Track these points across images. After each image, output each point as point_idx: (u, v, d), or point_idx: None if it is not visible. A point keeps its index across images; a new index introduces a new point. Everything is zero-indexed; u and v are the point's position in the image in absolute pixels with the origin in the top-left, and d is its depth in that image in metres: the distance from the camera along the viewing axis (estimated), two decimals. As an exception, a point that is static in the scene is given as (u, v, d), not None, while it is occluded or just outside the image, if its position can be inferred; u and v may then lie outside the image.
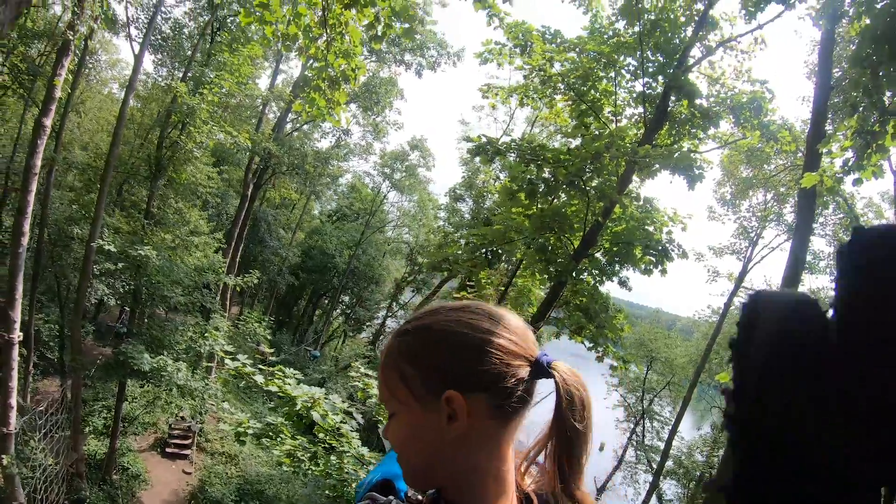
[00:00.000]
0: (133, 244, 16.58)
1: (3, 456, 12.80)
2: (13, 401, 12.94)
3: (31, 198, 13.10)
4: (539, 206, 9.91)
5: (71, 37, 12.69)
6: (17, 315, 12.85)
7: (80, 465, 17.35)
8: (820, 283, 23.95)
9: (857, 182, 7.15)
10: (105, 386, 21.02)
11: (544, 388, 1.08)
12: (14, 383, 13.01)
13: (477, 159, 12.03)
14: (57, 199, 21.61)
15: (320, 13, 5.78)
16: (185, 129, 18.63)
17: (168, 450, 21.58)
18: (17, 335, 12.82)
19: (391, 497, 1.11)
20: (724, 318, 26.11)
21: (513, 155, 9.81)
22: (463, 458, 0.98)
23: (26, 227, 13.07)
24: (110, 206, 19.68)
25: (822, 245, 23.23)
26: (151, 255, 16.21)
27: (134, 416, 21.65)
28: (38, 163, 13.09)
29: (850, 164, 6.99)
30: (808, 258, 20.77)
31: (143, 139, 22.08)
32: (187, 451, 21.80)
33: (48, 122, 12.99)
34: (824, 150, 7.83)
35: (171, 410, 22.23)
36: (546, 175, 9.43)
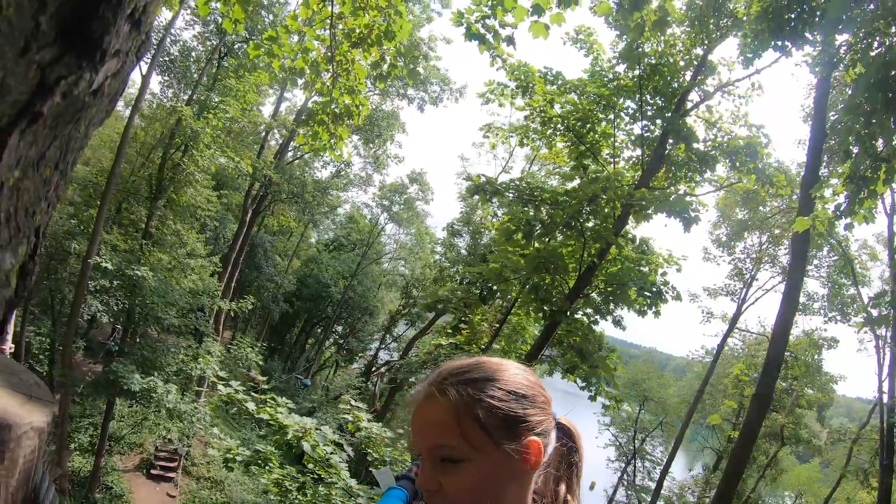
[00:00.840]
0: (130, 263, 16.57)
1: (-14, 469, 12.60)
2: (0, 413, 12.80)
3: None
4: (535, 245, 9.99)
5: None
6: (10, 326, 12.77)
7: (63, 482, 17.10)
8: (813, 324, 23.99)
9: (848, 227, 7.26)
10: (93, 403, 20.77)
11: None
12: (2, 395, 12.88)
13: (475, 197, 12.16)
14: (56, 213, 21.54)
15: (328, 49, 5.92)
16: (188, 152, 18.76)
17: (153, 472, 21.24)
18: (9, 346, 12.74)
19: None
20: (717, 358, 26.10)
21: (511, 194, 9.93)
22: (517, 495, 1.11)
23: (25, 241, 13.08)
24: (109, 223, 19.70)
25: (816, 287, 23.34)
26: (148, 276, 16.20)
27: (121, 436, 21.36)
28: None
29: (842, 208, 7.09)
30: (802, 299, 20.84)
31: (146, 158, 22.19)
32: (172, 475, 21.46)
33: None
34: (818, 195, 7.93)
35: (158, 432, 21.95)
36: (543, 216, 9.53)
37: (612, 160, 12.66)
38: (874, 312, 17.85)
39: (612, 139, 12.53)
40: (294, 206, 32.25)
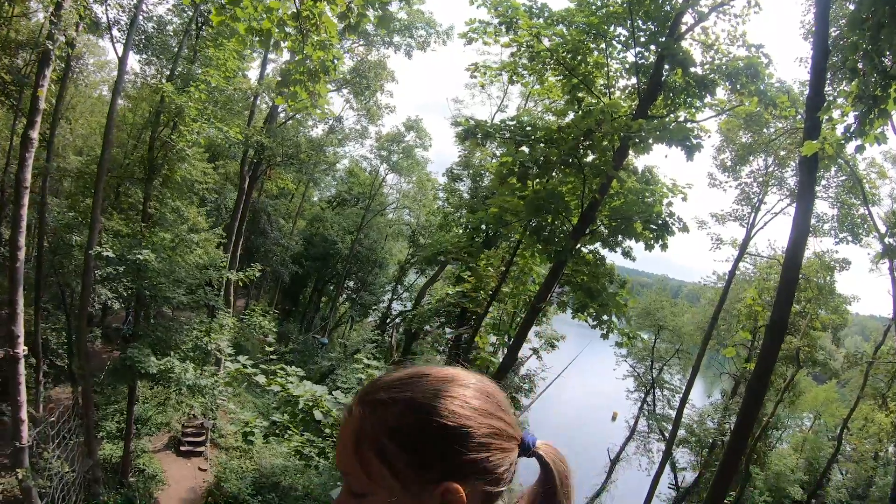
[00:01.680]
0: (132, 247, 16.45)
1: (19, 470, 12.84)
2: (24, 414, 12.96)
3: (25, 211, 13.00)
4: (533, 186, 9.72)
5: (50, 46, 12.53)
6: (20, 329, 12.80)
7: (96, 471, 17.42)
8: (824, 246, 23.68)
9: (859, 149, 6.97)
10: (116, 390, 21.08)
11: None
12: (23, 397, 13.02)
13: (471, 146, 11.85)
14: (55, 208, 21.55)
15: (293, 6, 5.61)
16: (176, 128, 18.43)
17: (182, 448, 21.73)
18: (22, 349, 12.79)
19: None
20: (729, 284, 25.98)
21: (504, 135, 9.61)
22: None
23: (22, 241, 12.97)
24: (108, 209, 19.55)
25: (824, 207, 22.93)
26: (150, 258, 16.08)
27: (146, 418, 21.76)
28: (28, 176, 12.95)
29: (851, 130, 6.78)
30: (812, 221, 20.53)
31: (137, 140, 21.90)
32: (201, 449, 21.93)
33: (35, 134, 12.83)
34: (825, 117, 7.61)
35: (182, 409, 22.28)
36: (538, 155, 9.22)
37: (607, 91, 12.25)
38: (891, 241, 17.65)
39: (606, 69, 12.10)
40: (290, 167, 31.94)
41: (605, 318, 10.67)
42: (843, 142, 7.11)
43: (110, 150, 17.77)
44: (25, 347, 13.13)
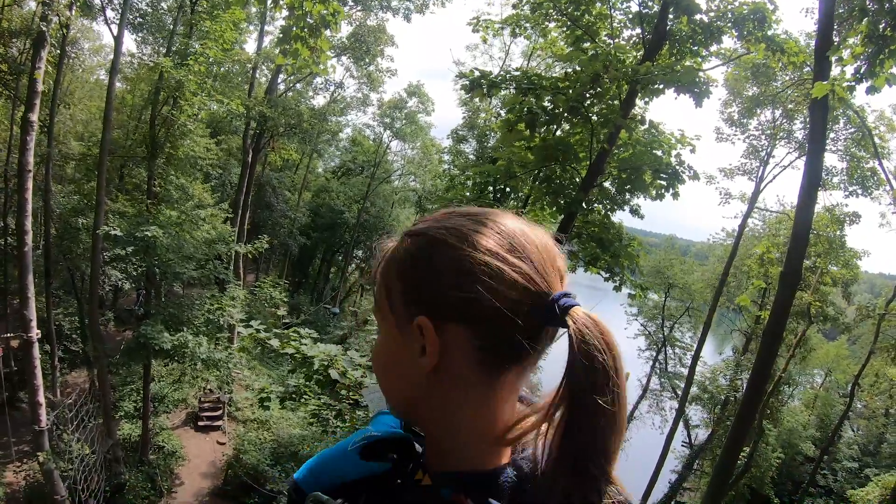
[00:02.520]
0: (139, 226, 16.45)
1: (39, 453, 13.02)
2: (41, 398, 13.11)
3: (29, 195, 13.03)
4: (541, 136, 9.57)
5: (45, 27, 12.46)
6: (33, 313, 12.89)
7: (116, 451, 17.67)
8: (834, 200, 23.39)
9: (871, 90, 6.80)
10: (131, 369, 21.27)
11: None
12: (39, 381, 13.16)
13: (476, 98, 11.64)
14: (59, 193, 21.58)
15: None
16: (176, 104, 18.29)
17: (200, 423, 22.05)
18: (36, 333, 12.89)
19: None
20: (739, 239, 25.82)
21: (510, 87, 9.44)
22: (440, 403, 0.81)
23: (28, 226, 13.01)
24: (113, 191, 19.54)
25: (834, 160, 22.60)
26: (158, 234, 16.07)
27: (163, 395, 22.05)
28: (31, 160, 12.96)
29: (862, 71, 6.61)
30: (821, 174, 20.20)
31: (138, 120, 21.82)
32: (219, 423, 22.22)
33: (34, 117, 12.84)
34: (834, 58, 7.42)
35: (198, 384, 22.49)
36: (546, 104, 9.06)
37: (611, 41, 12.01)
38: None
39: (610, 20, 11.86)
40: (293, 138, 31.82)
41: (617, 269, 10.60)
42: (853, 83, 6.95)
43: (111, 132, 17.74)
44: (39, 331, 13.24)
